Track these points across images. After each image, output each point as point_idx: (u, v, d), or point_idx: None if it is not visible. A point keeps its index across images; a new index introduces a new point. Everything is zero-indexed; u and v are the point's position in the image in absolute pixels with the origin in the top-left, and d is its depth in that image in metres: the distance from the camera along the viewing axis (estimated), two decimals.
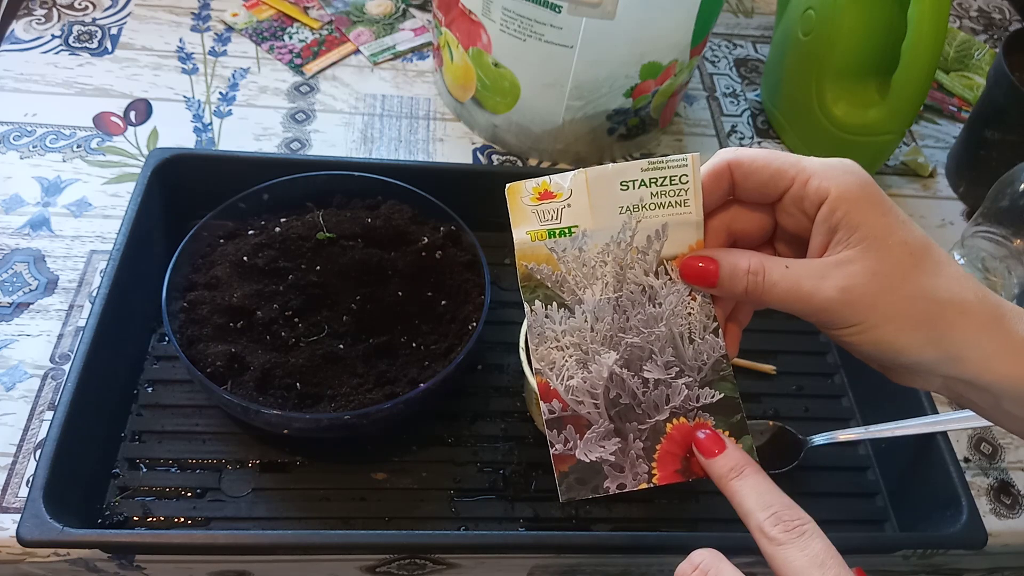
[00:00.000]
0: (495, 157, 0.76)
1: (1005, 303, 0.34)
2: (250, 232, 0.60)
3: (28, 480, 0.52)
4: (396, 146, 0.75)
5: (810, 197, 0.35)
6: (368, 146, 0.75)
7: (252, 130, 0.74)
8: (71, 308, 0.60)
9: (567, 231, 0.37)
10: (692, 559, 0.34)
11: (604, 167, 0.36)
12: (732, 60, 0.90)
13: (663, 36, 0.67)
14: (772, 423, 0.60)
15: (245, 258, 0.57)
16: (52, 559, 0.50)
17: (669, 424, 0.37)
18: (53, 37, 0.78)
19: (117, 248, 0.56)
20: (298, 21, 0.84)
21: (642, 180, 0.36)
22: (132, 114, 0.73)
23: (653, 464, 0.37)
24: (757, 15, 0.96)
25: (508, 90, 0.70)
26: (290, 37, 0.82)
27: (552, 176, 0.37)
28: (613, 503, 0.56)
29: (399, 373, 0.54)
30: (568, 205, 0.37)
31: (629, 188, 0.37)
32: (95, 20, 0.81)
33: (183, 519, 0.52)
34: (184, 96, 0.76)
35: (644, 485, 0.37)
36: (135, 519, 0.52)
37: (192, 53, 0.79)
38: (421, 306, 0.58)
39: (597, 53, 0.65)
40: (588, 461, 0.37)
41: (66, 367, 0.56)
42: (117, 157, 0.70)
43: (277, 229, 0.59)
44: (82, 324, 0.59)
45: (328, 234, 0.59)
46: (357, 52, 0.83)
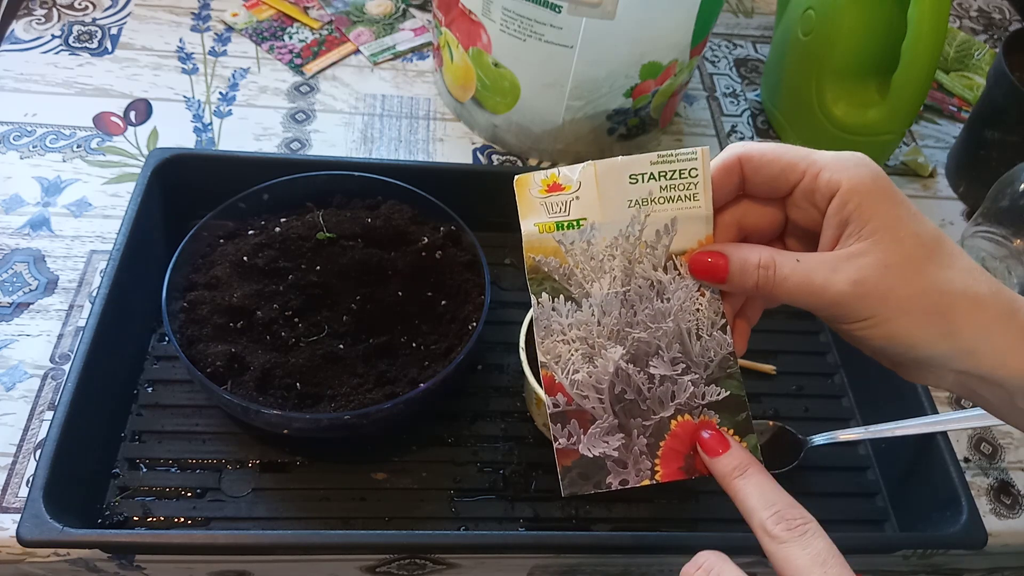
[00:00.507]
0: (495, 157, 0.76)
1: (1019, 297, 0.34)
2: (250, 232, 0.60)
3: (28, 480, 0.52)
4: (396, 146, 0.75)
5: (821, 190, 0.34)
6: (368, 146, 0.75)
7: (252, 130, 0.74)
8: (71, 308, 0.60)
9: (575, 223, 0.36)
10: (696, 560, 0.34)
11: (613, 160, 0.36)
12: (732, 60, 0.90)
13: (663, 36, 0.67)
14: (772, 423, 0.60)
15: (245, 258, 0.57)
16: (52, 559, 0.50)
17: (673, 421, 0.37)
18: (53, 37, 0.78)
19: (117, 248, 0.56)
20: (298, 21, 0.84)
21: (651, 174, 0.36)
22: (132, 114, 0.73)
23: (656, 461, 0.37)
24: (757, 15, 0.96)
25: (508, 90, 0.70)
26: (290, 37, 0.82)
27: (561, 168, 0.37)
28: (613, 503, 0.56)
29: (399, 373, 0.54)
30: (577, 198, 0.36)
31: (638, 181, 0.36)
32: (95, 20, 0.81)
33: (183, 519, 0.52)
34: (184, 96, 0.76)
35: (647, 481, 0.37)
36: (135, 519, 0.52)
37: (192, 53, 0.79)
38: (421, 306, 0.58)
39: (597, 53, 0.65)
40: (591, 456, 0.37)
41: (66, 367, 0.56)
42: (117, 157, 0.70)
43: (277, 229, 0.59)
44: (82, 324, 0.59)
45: (328, 234, 0.59)
46: (357, 52, 0.83)
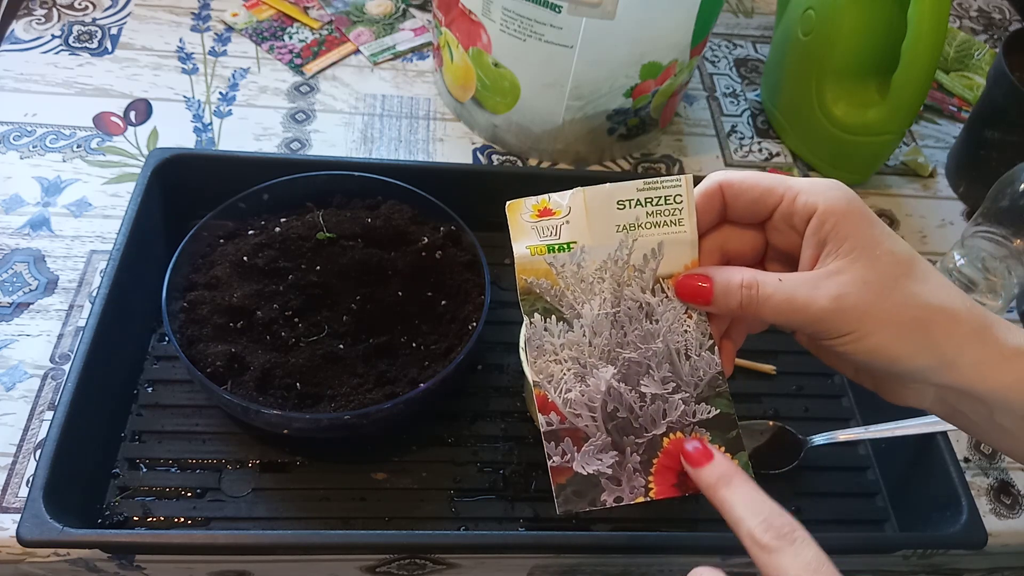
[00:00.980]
0: (495, 157, 0.76)
1: (990, 314, 0.35)
2: (250, 232, 0.60)
3: (28, 480, 0.52)
4: (396, 146, 0.75)
5: (799, 212, 0.35)
6: (368, 146, 0.75)
7: (252, 130, 0.74)
8: (71, 308, 0.60)
9: (566, 246, 0.38)
10: (691, 574, 0.34)
11: (601, 187, 0.38)
12: (732, 60, 0.90)
13: (663, 36, 0.67)
14: (772, 423, 0.60)
15: (245, 258, 0.57)
16: (52, 559, 0.50)
17: (666, 439, 0.38)
18: (53, 37, 0.78)
19: (117, 248, 0.56)
20: (298, 21, 0.84)
21: (638, 199, 0.37)
22: (132, 114, 0.73)
23: (650, 478, 0.37)
24: (757, 15, 0.96)
25: (508, 90, 0.70)
26: (290, 37, 0.82)
27: (551, 195, 0.38)
28: None
29: (399, 373, 0.54)
30: (567, 222, 0.38)
31: (626, 207, 0.38)
32: (95, 20, 0.81)
33: (183, 519, 0.52)
34: (184, 96, 0.76)
35: (641, 499, 0.37)
36: (135, 519, 0.52)
37: (192, 53, 0.79)
38: (421, 306, 0.58)
39: (597, 53, 0.65)
40: (585, 474, 0.37)
41: (66, 367, 0.56)
42: (117, 157, 0.70)
43: (277, 229, 0.59)
44: (82, 324, 0.59)
45: (328, 234, 0.59)
46: (357, 52, 0.83)
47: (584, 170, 0.75)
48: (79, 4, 0.82)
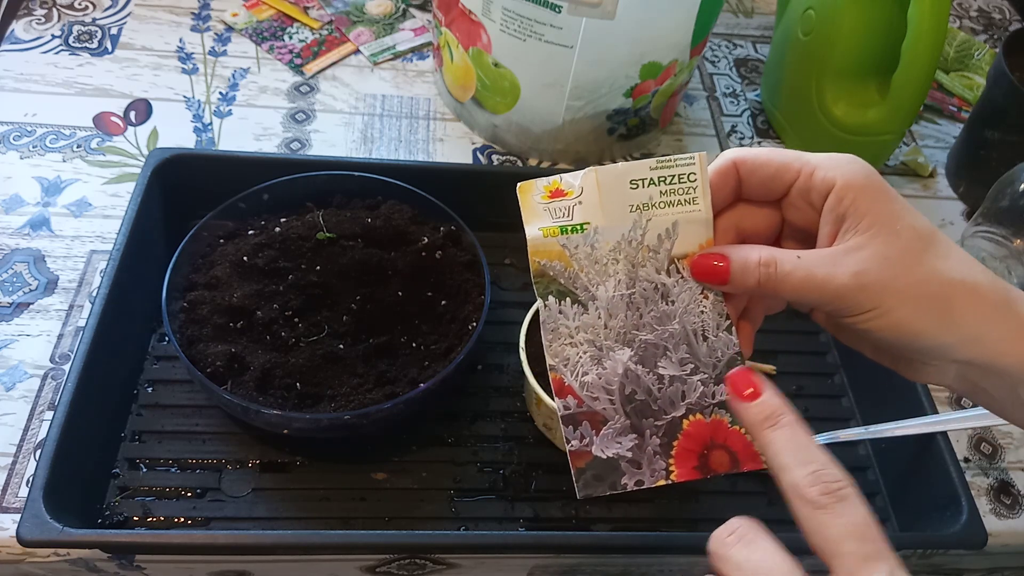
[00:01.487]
0: (495, 157, 0.76)
1: (1013, 288, 0.34)
2: (250, 232, 0.60)
3: (28, 480, 0.52)
4: (396, 146, 0.75)
5: (816, 188, 0.35)
6: (368, 146, 0.75)
7: (252, 130, 0.74)
8: (71, 308, 0.60)
9: (579, 228, 0.37)
10: (730, 524, 0.32)
11: (614, 166, 0.37)
12: (732, 60, 0.90)
13: (663, 36, 0.67)
14: None
15: (245, 258, 0.57)
16: (52, 559, 0.50)
17: (686, 421, 0.37)
18: (53, 37, 0.78)
19: (117, 248, 0.56)
20: (298, 21, 0.84)
21: (651, 179, 0.37)
22: (132, 114, 0.73)
23: (671, 461, 0.37)
24: (757, 15, 0.96)
25: (508, 90, 0.70)
26: (290, 37, 0.82)
27: (563, 175, 0.37)
28: (613, 503, 0.56)
29: (399, 373, 0.54)
30: (580, 203, 0.37)
31: (638, 186, 0.37)
32: (95, 20, 0.81)
33: (183, 519, 0.52)
34: (184, 96, 0.76)
35: (662, 482, 0.36)
36: (135, 519, 0.52)
37: (192, 53, 0.79)
38: (421, 306, 0.58)
39: (597, 53, 0.65)
40: (605, 457, 0.36)
41: (66, 367, 0.56)
42: (117, 157, 0.70)
43: (277, 229, 0.59)
44: (82, 324, 0.59)
45: (328, 234, 0.59)
46: (357, 52, 0.83)
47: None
48: (79, 4, 0.82)
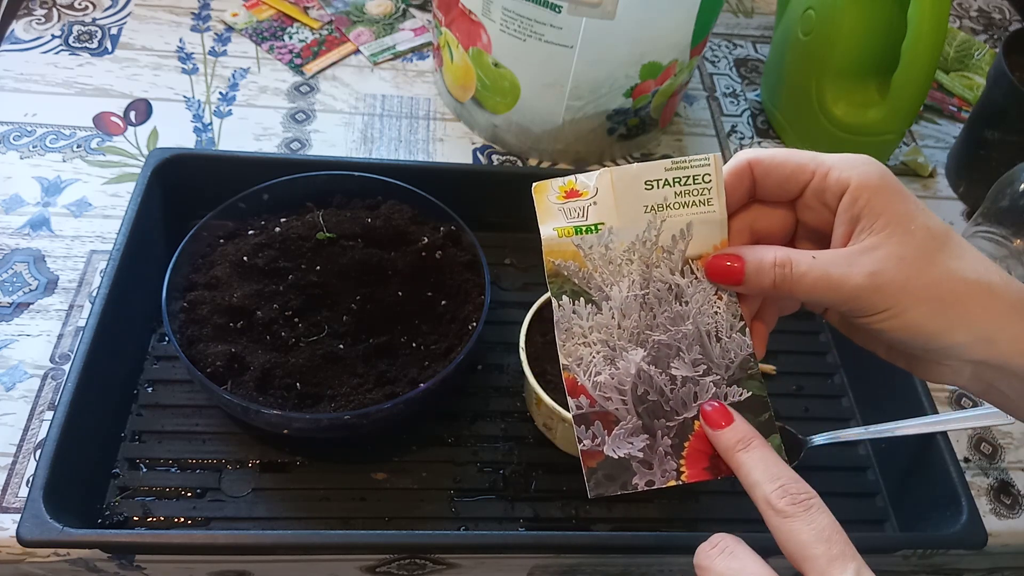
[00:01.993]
0: (495, 157, 0.76)
1: None
2: (250, 232, 0.60)
3: (28, 480, 0.52)
4: (396, 146, 0.75)
5: (831, 188, 0.35)
6: (368, 146, 0.75)
7: (252, 130, 0.74)
8: (71, 308, 0.60)
9: (594, 228, 0.37)
10: (712, 539, 0.34)
11: (629, 167, 0.37)
12: (732, 60, 0.90)
13: (663, 36, 0.67)
14: None
15: (245, 258, 0.57)
16: (52, 559, 0.50)
17: (697, 422, 0.37)
18: (53, 37, 0.78)
19: (117, 248, 0.56)
20: (298, 21, 0.84)
21: (666, 180, 0.37)
22: (132, 114, 0.73)
23: (682, 461, 0.37)
24: (757, 15, 0.96)
25: (508, 90, 0.70)
26: (290, 37, 0.82)
27: (577, 175, 0.38)
28: (613, 503, 0.56)
29: (399, 373, 0.54)
30: (594, 203, 0.37)
31: (653, 187, 0.37)
32: (95, 20, 0.81)
33: (183, 519, 0.52)
34: (184, 96, 0.76)
35: (673, 482, 0.37)
36: (135, 519, 0.52)
37: (192, 53, 0.79)
38: (421, 306, 0.58)
39: (597, 53, 0.65)
40: (616, 457, 0.37)
41: (66, 367, 0.56)
42: (117, 157, 0.70)
43: (277, 229, 0.59)
44: (82, 324, 0.59)
45: (328, 234, 0.59)
46: (357, 52, 0.83)
47: (584, 170, 0.75)
48: (79, 4, 0.82)
